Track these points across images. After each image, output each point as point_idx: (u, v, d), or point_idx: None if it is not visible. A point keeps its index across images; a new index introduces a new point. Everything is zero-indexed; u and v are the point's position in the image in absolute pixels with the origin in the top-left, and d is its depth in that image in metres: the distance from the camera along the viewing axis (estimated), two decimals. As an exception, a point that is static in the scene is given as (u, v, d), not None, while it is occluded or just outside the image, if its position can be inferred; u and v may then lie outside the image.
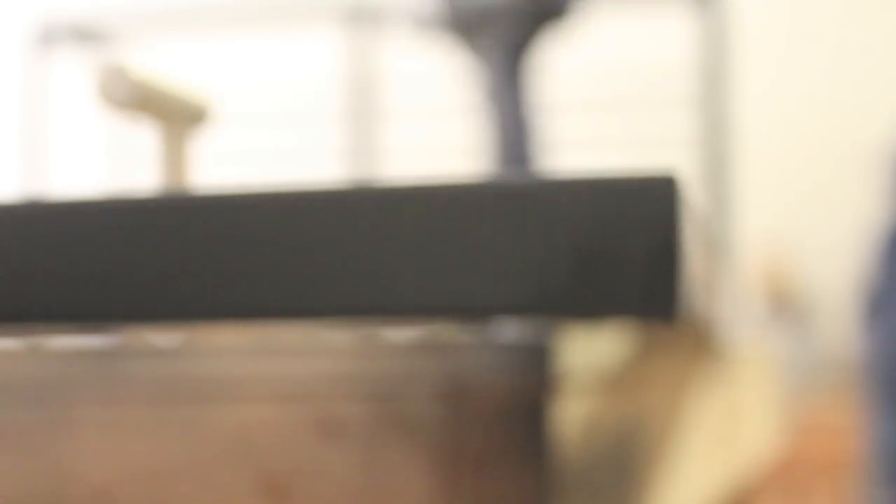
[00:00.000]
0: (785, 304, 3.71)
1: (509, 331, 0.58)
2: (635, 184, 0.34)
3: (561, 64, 2.12)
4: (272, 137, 2.24)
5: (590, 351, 0.63)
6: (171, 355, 0.61)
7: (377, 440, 0.59)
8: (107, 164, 2.24)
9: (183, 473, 0.60)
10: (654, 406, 0.80)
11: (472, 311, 0.35)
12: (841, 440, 3.21)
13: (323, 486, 0.59)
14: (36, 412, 0.61)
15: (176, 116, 0.49)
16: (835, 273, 3.72)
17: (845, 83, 3.81)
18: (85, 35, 2.13)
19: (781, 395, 1.67)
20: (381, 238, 0.35)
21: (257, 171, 2.15)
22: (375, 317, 0.35)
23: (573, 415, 0.60)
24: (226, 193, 0.36)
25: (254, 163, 2.17)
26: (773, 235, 3.74)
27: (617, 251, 0.34)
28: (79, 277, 0.35)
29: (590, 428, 0.63)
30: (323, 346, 0.60)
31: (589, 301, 0.34)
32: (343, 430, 0.59)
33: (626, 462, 0.71)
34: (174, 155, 0.48)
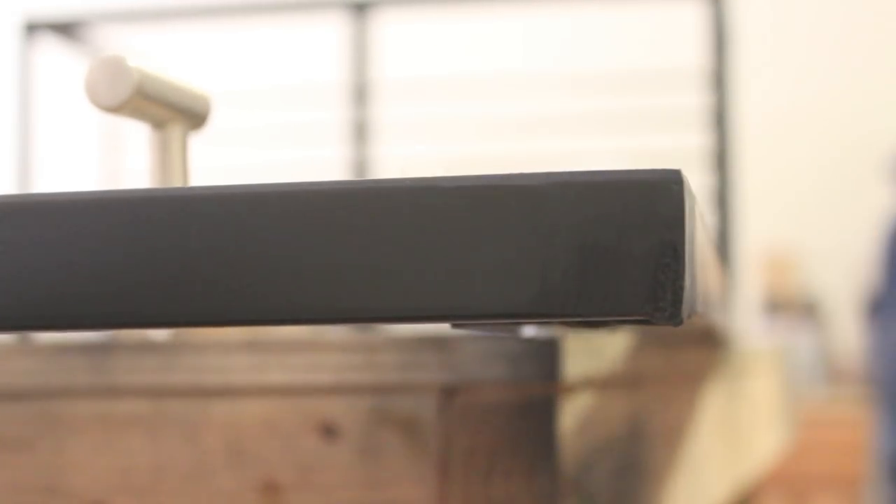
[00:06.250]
0: (788, 305, 3.70)
1: (513, 330, 0.58)
2: (641, 183, 0.34)
3: (562, 70, 2.11)
4: (268, 121, 2.23)
5: (595, 350, 0.63)
6: (168, 351, 0.60)
7: (376, 439, 0.58)
8: (99, 158, 2.24)
9: (181, 471, 0.59)
10: (659, 405, 0.79)
11: (476, 311, 0.34)
12: (844, 440, 3.21)
13: (321, 485, 0.58)
14: (30, 407, 0.60)
15: (174, 121, 0.48)
16: (839, 274, 3.72)
17: (850, 84, 3.80)
18: (71, 25, 2.12)
19: (786, 395, 1.67)
20: (381, 238, 0.34)
21: (255, 155, 2.15)
22: (375, 318, 0.34)
23: (578, 413, 0.59)
24: (220, 192, 0.35)
25: (253, 144, 2.17)
26: (776, 235, 3.74)
27: (622, 251, 0.34)
28: (69, 278, 0.35)
29: (595, 426, 0.62)
30: (322, 345, 0.59)
31: (594, 301, 0.34)
32: (341, 428, 0.58)
33: (631, 459, 0.70)
34: (171, 157, 0.48)
